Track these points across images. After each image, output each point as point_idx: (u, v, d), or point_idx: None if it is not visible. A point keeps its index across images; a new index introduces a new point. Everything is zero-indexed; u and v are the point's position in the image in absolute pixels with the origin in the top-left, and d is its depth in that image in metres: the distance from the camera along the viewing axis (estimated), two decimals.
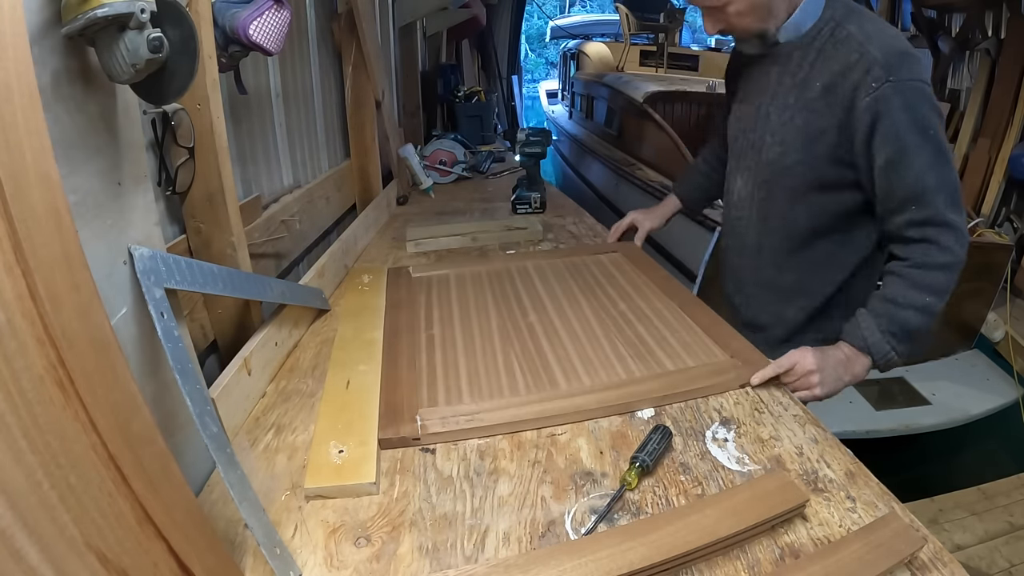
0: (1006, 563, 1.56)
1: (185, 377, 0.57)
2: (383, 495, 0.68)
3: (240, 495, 0.57)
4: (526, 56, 17.85)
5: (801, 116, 0.94)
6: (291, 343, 1.01)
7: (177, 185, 0.82)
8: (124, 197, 0.60)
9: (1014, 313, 2.67)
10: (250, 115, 1.20)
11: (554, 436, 0.78)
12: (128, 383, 0.44)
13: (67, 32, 0.48)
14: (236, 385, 0.79)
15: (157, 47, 0.51)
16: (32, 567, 0.34)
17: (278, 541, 0.58)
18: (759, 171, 1.04)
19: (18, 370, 0.35)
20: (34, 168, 0.38)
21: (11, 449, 0.34)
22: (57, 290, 0.38)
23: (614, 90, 4.24)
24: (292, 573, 0.57)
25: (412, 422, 0.77)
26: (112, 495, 0.40)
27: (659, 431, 0.73)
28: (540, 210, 1.85)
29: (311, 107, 1.58)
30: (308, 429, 0.79)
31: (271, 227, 1.21)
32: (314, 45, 1.57)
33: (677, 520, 0.59)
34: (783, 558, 0.58)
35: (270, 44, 0.90)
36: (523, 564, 0.54)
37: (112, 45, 0.50)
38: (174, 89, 0.59)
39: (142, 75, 0.53)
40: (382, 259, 1.46)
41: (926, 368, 2.45)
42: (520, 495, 0.67)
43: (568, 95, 6.34)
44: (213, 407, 0.62)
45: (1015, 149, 2.97)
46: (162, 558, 0.44)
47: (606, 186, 4.04)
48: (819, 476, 0.70)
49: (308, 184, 1.51)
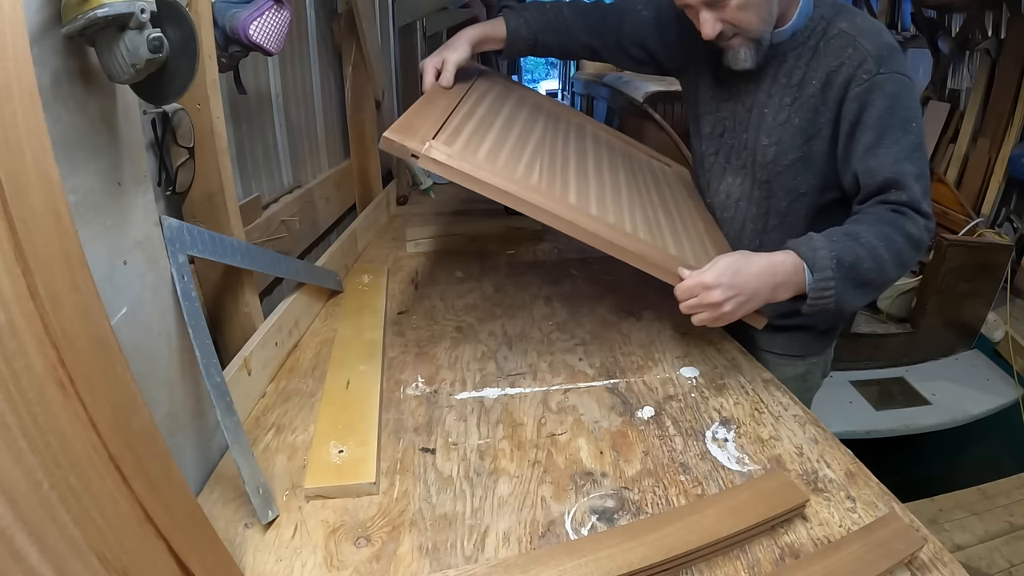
0: (1006, 563, 1.56)
1: (196, 331, 0.67)
2: (383, 495, 0.68)
3: (233, 438, 0.65)
4: None
5: (800, 115, 0.94)
6: (291, 343, 1.01)
7: (177, 185, 0.82)
8: (124, 197, 0.60)
9: (1014, 313, 2.67)
10: (250, 115, 1.20)
11: (554, 436, 0.78)
12: (128, 383, 0.44)
13: (67, 32, 0.48)
14: (236, 385, 0.79)
15: (157, 47, 0.51)
16: (32, 567, 0.34)
17: (262, 483, 0.65)
18: (758, 172, 1.02)
19: (18, 370, 0.35)
20: (34, 168, 0.38)
21: (11, 449, 0.34)
22: (57, 290, 0.38)
23: (614, 90, 4.24)
24: (271, 512, 0.64)
25: (420, 143, 0.76)
26: (112, 495, 0.40)
27: None
28: None
29: (311, 107, 1.58)
30: (308, 429, 0.79)
31: (271, 227, 1.21)
32: (314, 45, 1.57)
33: (677, 520, 0.59)
34: (783, 558, 0.58)
35: (270, 44, 0.90)
36: (523, 564, 0.54)
37: (112, 45, 0.50)
38: (174, 89, 0.59)
39: (142, 75, 0.52)
40: (382, 259, 1.46)
41: (926, 368, 2.45)
42: (520, 495, 0.67)
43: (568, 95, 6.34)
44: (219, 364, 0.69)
45: (1015, 149, 2.97)
46: (162, 558, 0.44)
47: None
48: (819, 476, 0.70)
49: (308, 184, 1.50)
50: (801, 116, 0.94)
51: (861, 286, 0.81)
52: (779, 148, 0.97)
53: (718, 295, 0.77)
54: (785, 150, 0.97)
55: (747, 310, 0.80)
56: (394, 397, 0.87)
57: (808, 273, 0.79)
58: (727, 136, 1.06)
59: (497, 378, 0.92)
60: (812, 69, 0.92)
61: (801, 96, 0.93)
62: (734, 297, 0.78)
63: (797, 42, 0.93)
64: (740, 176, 1.06)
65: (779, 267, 0.80)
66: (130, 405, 0.43)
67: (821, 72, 0.90)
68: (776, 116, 0.96)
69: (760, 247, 1.03)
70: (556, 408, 0.84)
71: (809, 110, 0.93)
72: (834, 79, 0.89)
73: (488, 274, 1.35)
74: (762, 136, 0.99)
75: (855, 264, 0.79)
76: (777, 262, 0.80)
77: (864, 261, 0.80)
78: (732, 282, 0.77)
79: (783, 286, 0.80)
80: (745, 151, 1.03)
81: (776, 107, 0.96)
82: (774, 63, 0.96)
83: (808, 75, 0.92)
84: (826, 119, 0.92)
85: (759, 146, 1.00)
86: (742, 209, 1.08)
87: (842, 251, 0.80)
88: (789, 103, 0.95)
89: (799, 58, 0.93)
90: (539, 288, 1.26)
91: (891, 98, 0.84)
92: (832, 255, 0.79)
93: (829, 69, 0.89)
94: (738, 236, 1.10)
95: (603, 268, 1.38)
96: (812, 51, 0.92)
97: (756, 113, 1.00)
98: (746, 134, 1.02)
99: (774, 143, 0.98)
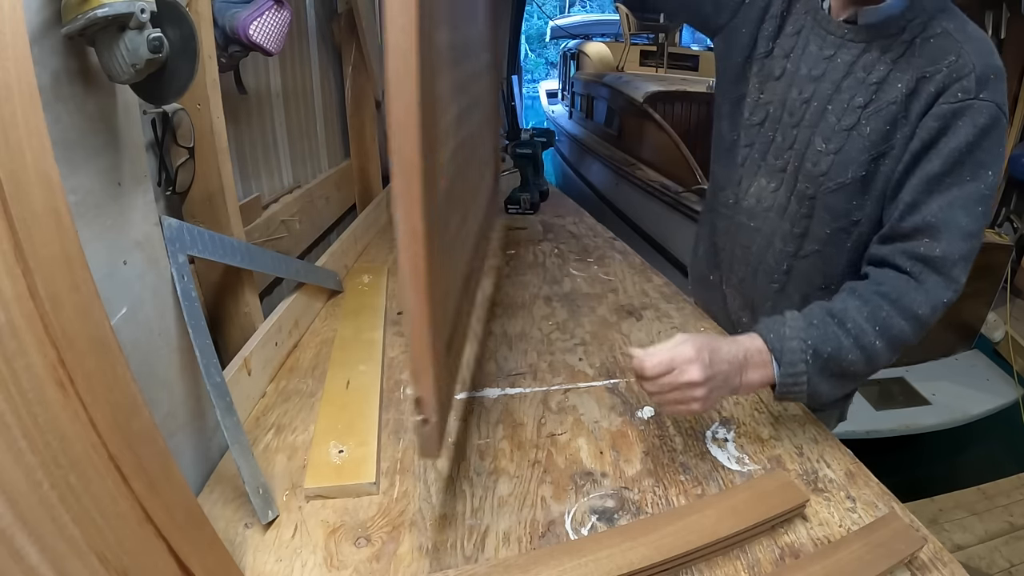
0: (1006, 563, 1.56)
1: (196, 331, 0.68)
2: (383, 495, 0.68)
3: (233, 438, 0.65)
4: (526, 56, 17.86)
5: (873, 123, 0.75)
6: (291, 343, 1.01)
7: (177, 185, 0.82)
8: (124, 197, 0.60)
9: (1014, 313, 2.67)
10: (250, 115, 1.20)
11: (554, 436, 0.78)
12: (128, 383, 0.44)
13: (67, 32, 0.48)
14: (236, 385, 0.79)
15: (157, 47, 0.51)
16: (32, 567, 0.34)
17: (262, 483, 0.65)
18: (801, 181, 0.82)
19: (18, 370, 0.35)
20: (34, 168, 0.38)
21: (11, 449, 0.34)
22: (57, 290, 0.38)
23: (614, 90, 4.24)
24: (271, 512, 0.64)
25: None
26: (112, 495, 0.40)
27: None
28: (531, 211, 1.85)
29: (311, 107, 1.58)
30: (308, 429, 0.79)
31: (271, 227, 1.21)
32: (314, 45, 1.57)
33: (677, 520, 0.59)
34: (783, 558, 0.58)
35: (270, 44, 0.90)
36: (523, 564, 0.54)
37: (112, 45, 0.50)
38: (174, 89, 0.59)
39: (142, 75, 0.53)
40: (382, 259, 1.46)
41: (926, 368, 2.45)
42: (520, 495, 0.67)
43: (568, 95, 6.34)
44: (219, 364, 0.69)
45: (1015, 149, 2.96)
46: (162, 558, 0.44)
47: (606, 186, 4.04)
48: (819, 476, 0.70)
49: (308, 184, 1.50)
50: (874, 125, 0.75)
51: (840, 377, 0.70)
52: (838, 160, 0.78)
53: (697, 373, 0.63)
54: (845, 164, 0.78)
55: (716, 398, 0.67)
56: (394, 397, 0.87)
57: (775, 365, 0.68)
58: (770, 128, 0.86)
59: (497, 378, 0.92)
60: (900, 69, 0.73)
61: (879, 100, 0.75)
62: (711, 379, 0.64)
63: (887, 31, 0.74)
64: (775, 181, 0.86)
65: (750, 351, 0.69)
66: (130, 405, 0.43)
67: (911, 75, 0.72)
68: (842, 118, 0.77)
69: (787, 274, 0.88)
70: (556, 408, 0.84)
71: (886, 120, 0.74)
72: (924, 87, 0.72)
73: (488, 274, 1.35)
74: (817, 139, 0.80)
75: (835, 355, 0.68)
76: (747, 346, 0.69)
77: (847, 352, 0.68)
78: (711, 359, 0.65)
79: (753, 371, 0.69)
80: (790, 152, 0.84)
81: (844, 106, 0.77)
82: (851, 51, 0.77)
83: (893, 75, 0.74)
84: (903, 135, 0.74)
85: (811, 150, 0.80)
86: (770, 222, 0.88)
87: (820, 340, 0.68)
88: (861, 105, 0.76)
89: (886, 51, 0.74)
90: (539, 288, 1.26)
91: (979, 133, 0.68)
92: (807, 346, 0.68)
93: (921, 74, 0.72)
94: (761, 255, 0.90)
95: (603, 268, 1.38)
96: (905, 47, 0.73)
97: (816, 108, 0.80)
98: (795, 130, 0.82)
99: (832, 152, 0.78)
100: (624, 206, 3.73)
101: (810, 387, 0.68)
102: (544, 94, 8.76)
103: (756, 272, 0.92)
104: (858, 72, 0.76)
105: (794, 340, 0.68)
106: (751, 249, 0.91)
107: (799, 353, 0.68)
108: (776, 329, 0.69)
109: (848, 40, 0.77)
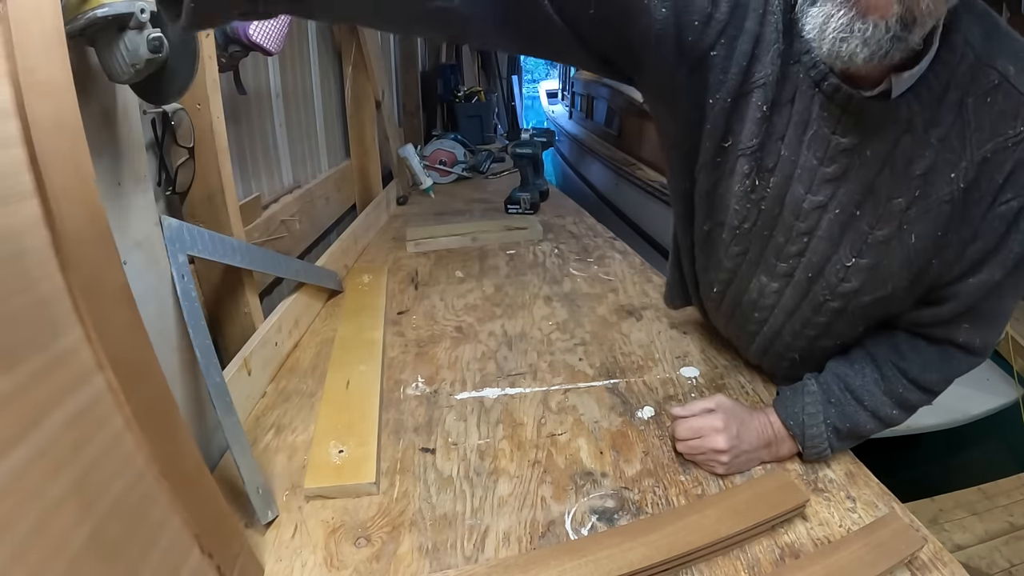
0: (1006, 563, 1.55)
1: (196, 331, 0.68)
2: (383, 495, 0.68)
3: (233, 438, 0.65)
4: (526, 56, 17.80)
5: (919, 227, 0.57)
6: (291, 343, 1.01)
7: (177, 185, 0.82)
8: (124, 197, 0.60)
9: (1014, 313, 2.67)
10: (250, 115, 1.20)
11: (554, 436, 0.78)
12: None
13: (67, 32, 0.48)
14: (236, 385, 0.79)
15: (157, 47, 0.51)
16: None
17: (262, 483, 0.65)
18: (820, 291, 0.66)
19: None
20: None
21: None
22: None
23: (614, 90, 4.23)
24: (271, 512, 0.64)
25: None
26: None
27: None
28: (531, 211, 1.85)
29: (311, 107, 1.58)
30: (308, 429, 0.79)
31: (271, 227, 1.21)
32: (314, 45, 1.57)
33: (677, 520, 0.59)
34: (783, 558, 0.58)
35: (270, 44, 0.90)
36: (523, 564, 0.54)
37: (112, 45, 0.50)
38: (174, 89, 0.59)
39: (142, 75, 0.53)
40: (382, 259, 1.47)
41: None
42: (520, 495, 0.67)
43: (568, 95, 6.34)
44: (219, 364, 0.69)
45: None
46: None
47: (606, 186, 4.04)
48: (819, 476, 0.70)
49: (308, 184, 1.51)
50: (921, 229, 0.57)
51: (859, 438, 0.71)
52: (874, 275, 0.61)
53: (723, 443, 0.67)
54: (883, 279, 0.61)
55: (740, 465, 0.69)
56: (394, 397, 0.87)
57: (799, 443, 0.70)
58: (761, 224, 0.66)
59: (497, 378, 0.92)
60: (950, 150, 0.53)
61: (927, 198, 0.55)
62: (735, 448, 0.68)
63: (929, 97, 0.52)
64: (780, 283, 0.70)
65: (777, 428, 0.71)
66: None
67: (968, 159, 0.52)
68: (876, 227, 0.58)
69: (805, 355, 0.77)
70: (556, 408, 0.84)
71: (936, 223, 0.56)
72: (990, 172, 0.52)
73: (488, 274, 1.36)
74: (844, 252, 0.61)
75: (854, 429, 0.68)
76: (776, 425, 0.71)
77: (865, 423, 0.68)
78: (739, 432, 0.68)
79: (782, 445, 0.71)
80: (798, 259, 0.66)
81: (879, 212, 0.58)
82: (885, 135, 0.54)
83: (943, 160, 0.53)
84: (960, 238, 0.56)
85: (833, 265, 0.63)
86: (778, 320, 0.74)
87: (839, 418, 0.68)
88: (903, 208, 0.56)
89: (930, 127, 0.53)
90: (539, 288, 1.26)
91: None
92: (827, 426, 0.68)
93: (982, 156, 0.52)
94: (768, 340, 0.79)
95: (603, 268, 1.38)
96: (953, 115, 0.52)
97: (838, 218, 0.60)
98: (807, 238, 0.63)
99: (866, 268, 0.61)
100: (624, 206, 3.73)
101: (832, 451, 0.70)
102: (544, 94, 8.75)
103: (766, 352, 0.82)
104: (897, 164, 0.55)
105: (814, 427, 0.68)
106: (756, 335, 0.80)
107: (821, 437, 0.69)
108: (795, 415, 0.70)
109: (879, 122, 0.54)
